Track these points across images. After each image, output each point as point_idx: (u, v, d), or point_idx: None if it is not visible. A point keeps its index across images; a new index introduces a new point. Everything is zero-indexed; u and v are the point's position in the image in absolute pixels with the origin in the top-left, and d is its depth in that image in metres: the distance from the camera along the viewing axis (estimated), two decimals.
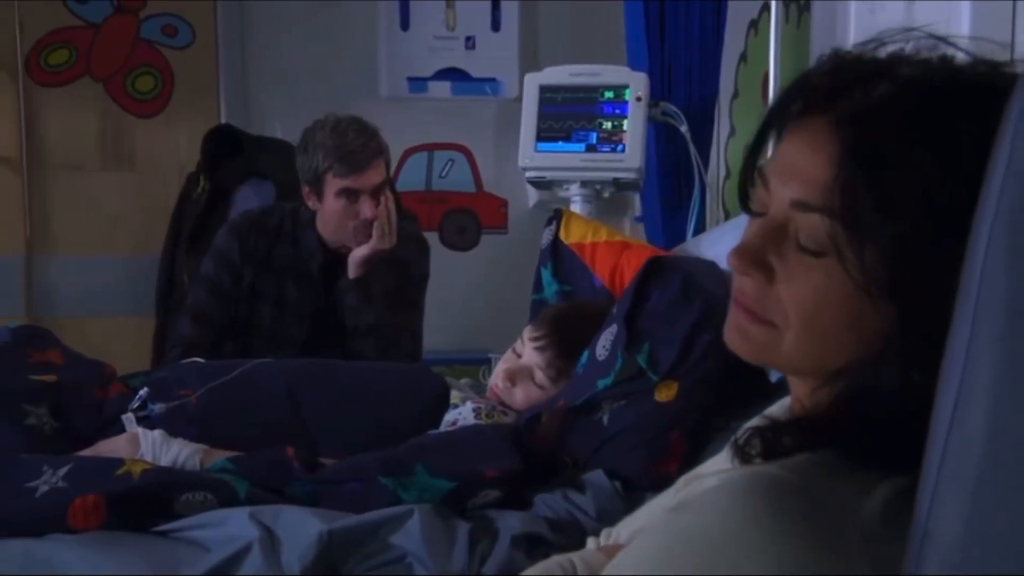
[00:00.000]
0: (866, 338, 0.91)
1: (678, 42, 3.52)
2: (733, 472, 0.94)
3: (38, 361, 2.17)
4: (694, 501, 0.91)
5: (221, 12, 4.46)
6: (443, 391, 2.28)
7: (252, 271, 2.94)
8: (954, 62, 0.95)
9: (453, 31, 4.55)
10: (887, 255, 0.87)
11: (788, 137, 0.96)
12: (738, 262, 0.96)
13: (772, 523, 0.82)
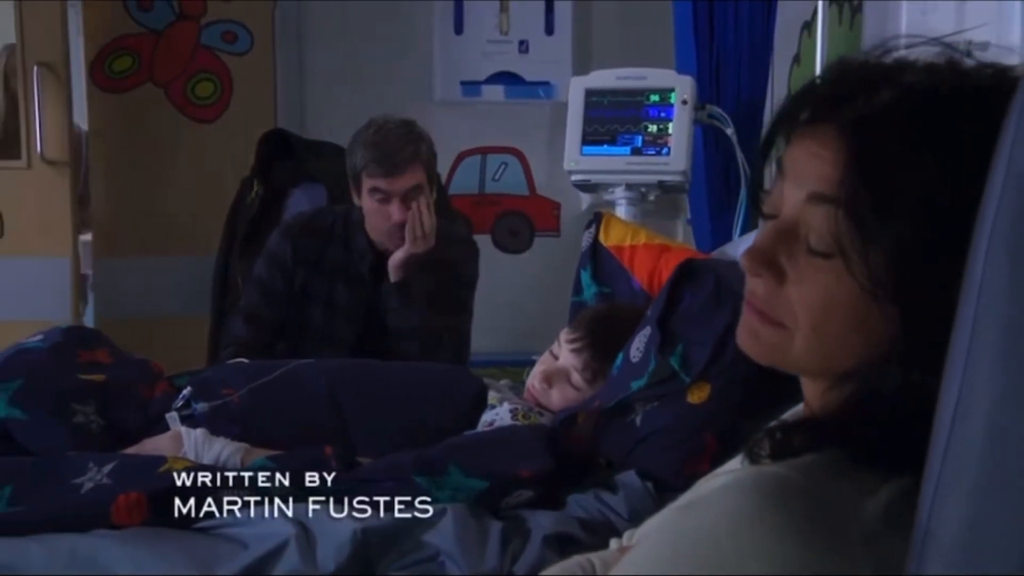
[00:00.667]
0: (873, 340, 0.92)
1: (727, 44, 3.53)
2: (740, 472, 0.95)
3: (87, 361, 2.23)
4: (701, 500, 0.92)
5: (279, 18, 4.53)
6: (481, 392, 2.31)
7: (304, 273, 2.98)
8: (961, 66, 0.96)
9: (506, 35, 4.58)
10: (891, 258, 0.88)
11: (796, 142, 0.97)
12: (749, 263, 0.97)
13: (776, 522, 0.83)
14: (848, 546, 0.84)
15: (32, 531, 1.79)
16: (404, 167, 2.84)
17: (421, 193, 2.87)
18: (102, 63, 4.44)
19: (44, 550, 1.76)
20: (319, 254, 3.00)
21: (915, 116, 0.90)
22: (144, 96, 4.46)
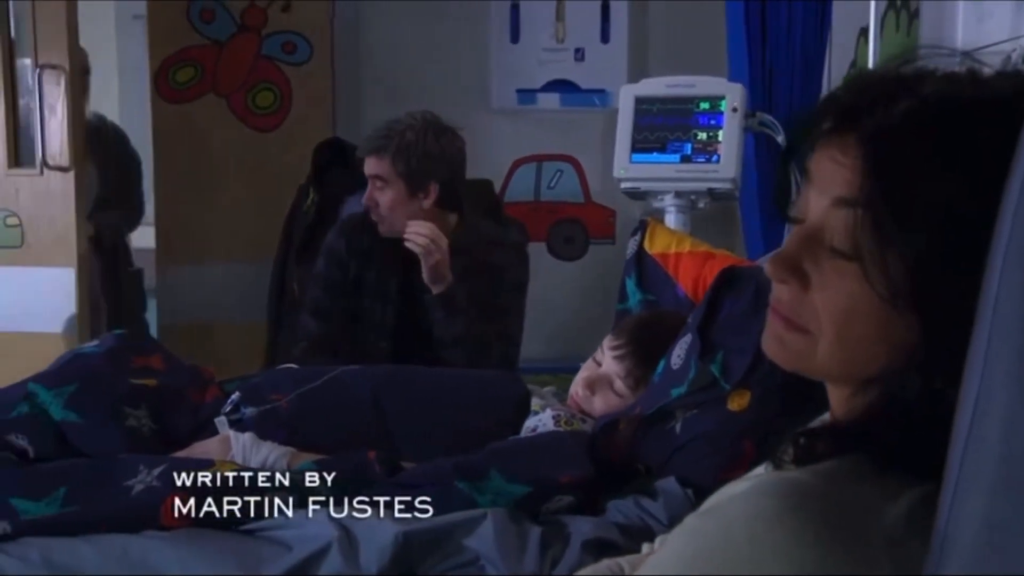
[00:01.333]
0: (896, 348, 0.93)
1: (779, 51, 3.52)
2: (761, 477, 0.96)
3: (141, 366, 2.29)
4: (722, 505, 0.93)
5: (338, 29, 4.59)
6: (524, 398, 2.33)
7: (356, 264, 3.07)
8: (981, 77, 0.96)
9: (562, 43, 4.61)
10: (908, 265, 0.89)
11: (820, 150, 0.98)
12: (774, 269, 0.98)
13: (795, 525, 0.84)
14: (868, 550, 0.84)
15: (85, 531, 1.84)
16: (367, 153, 3.00)
17: (384, 184, 2.97)
18: (165, 74, 4.53)
19: (96, 551, 1.81)
20: (371, 247, 3.08)
21: (932, 125, 0.91)
22: (206, 106, 4.54)
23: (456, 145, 3.06)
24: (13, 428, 2.11)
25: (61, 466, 2.00)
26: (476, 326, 2.91)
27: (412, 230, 2.85)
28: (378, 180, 2.99)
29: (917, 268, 0.89)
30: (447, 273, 2.88)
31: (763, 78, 3.50)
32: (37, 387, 2.16)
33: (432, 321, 2.92)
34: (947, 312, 0.89)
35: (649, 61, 4.58)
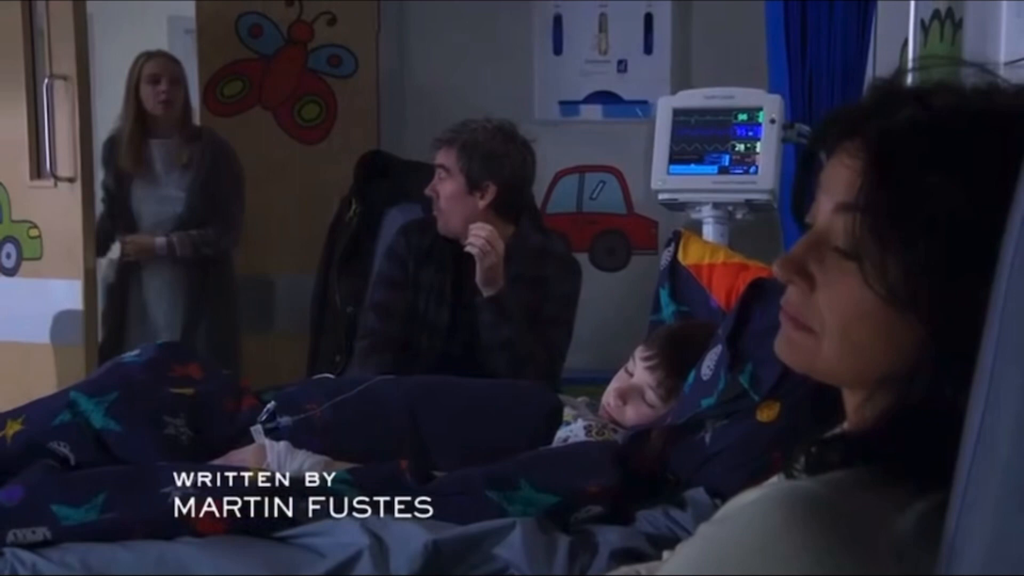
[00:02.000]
0: (901, 350, 0.94)
1: (820, 61, 3.52)
2: (771, 487, 0.97)
3: (179, 375, 2.32)
4: (732, 514, 0.94)
5: (383, 42, 4.64)
6: (556, 408, 2.35)
7: (414, 263, 3.14)
8: (995, 89, 0.98)
9: (605, 55, 4.62)
10: (906, 268, 0.91)
11: (831, 157, 1.00)
12: (780, 270, 1.01)
13: (805, 535, 0.85)
14: (877, 560, 0.85)
15: (122, 537, 1.88)
16: (438, 144, 3.13)
17: (446, 176, 3.09)
18: (214, 87, 4.60)
19: (133, 556, 1.85)
20: (430, 247, 3.16)
21: (934, 132, 0.93)
22: (253, 119, 4.61)
23: (522, 155, 3.13)
24: (55, 436, 2.15)
25: (100, 473, 2.04)
26: (522, 334, 2.95)
27: (473, 232, 2.91)
28: (442, 170, 3.10)
29: (916, 271, 0.91)
30: (500, 277, 2.93)
31: (803, 89, 3.50)
32: (78, 395, 2.20)
33: (480, 324, 2.96)
34: (947, 315, 0.90)
35: (692, 72, 4.57)
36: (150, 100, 4.17)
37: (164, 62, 4.24)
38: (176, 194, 4.20)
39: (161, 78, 4.17)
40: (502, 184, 3.07)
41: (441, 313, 3.11)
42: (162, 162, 4.20)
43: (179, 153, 4.21)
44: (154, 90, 4.16)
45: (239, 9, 4.60)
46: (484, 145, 3.07)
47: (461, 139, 3.08)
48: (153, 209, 4.19)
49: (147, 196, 4.20)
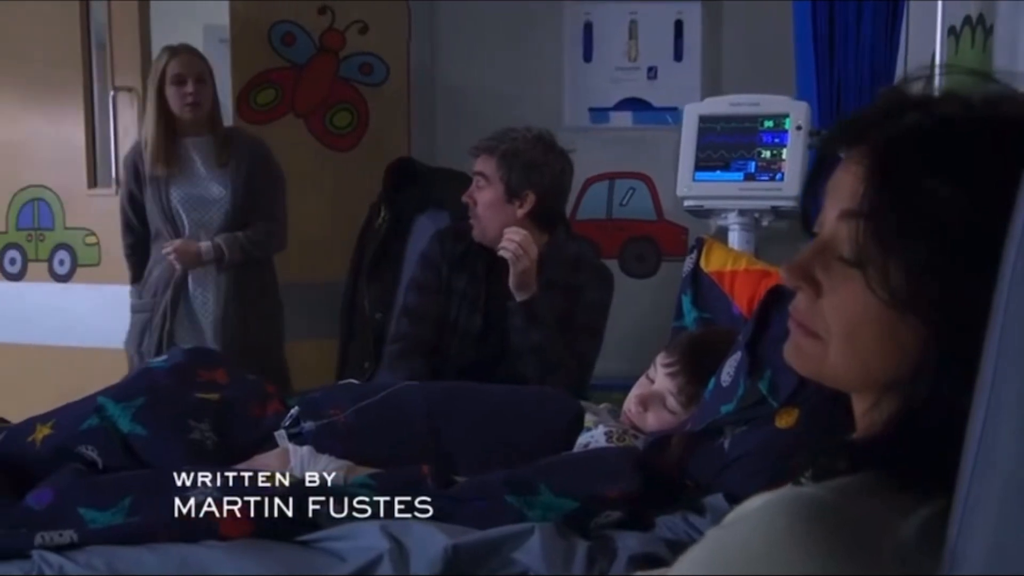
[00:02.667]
0: (904, 354, 0.95)
1: (848, 68, 3.51)
2: (777, 493, 0.98)
3: (205, 380, 2.36)
4: (738, 519, 0.96)
5: (414, 50, 4.67)
6: (578, 415, 2.36)
7: (448, 268, 3.17)
8: (1003, 98, 0.98)
9: (635, 61, 4.63)
10: (908, 272, 0.92)
11: (839, 167, 1.02)
12: (786, 276, 1.02)
13: (808, 541, 0.86)
14: (880, 566, 0.85)
15: (147, 540, 1.90)
16: (477, 151, 3.15)
17: (485, 183, 3.12)
18: (247, 96, 4.64)
19: (157, 559, 1.87)
20: (463, 253, 3.19)
21: (935, 138, 0.94)
22: (285, 127, 4.64)
23: (561, 165, 3.16)
24: (83, 440, 2.19)
25: (127, 477, 2.07)
26: (552, 340, 2.97)
27: (507, 236, 2.93)
28: (481, 178, 3.14)
29: (917, 276, 0.92)
30: (533, 282, 2.96)
31: (831, 96, 3.49)
32: (106, 400, 2.24)
33: (511, 328, 2.98)
34: (949, 320, 0.91)
35: (723, 79, 4.57)
36: (176, 102, 3.94)
37: (189, 60, 4.00)
38: (219, 194, 3.98)
39: (187, 78, 3.95)
40: (541, 193, 3.10)
41: (473, 320, 3.13)
42: (201, 161, 3.99)
43: (218, 152, 3.99)
44: (180, 91, 3.94)
45: (272, 18, 4.63)
46: (525, 154, 3.10)
47: (502, 148, 3.10)
48: (196, 213, 3.96)
49: (188, 198, 3.97)
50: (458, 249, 3.20)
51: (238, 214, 3.96)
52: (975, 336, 0.83)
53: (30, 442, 2.21)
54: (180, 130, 3.98)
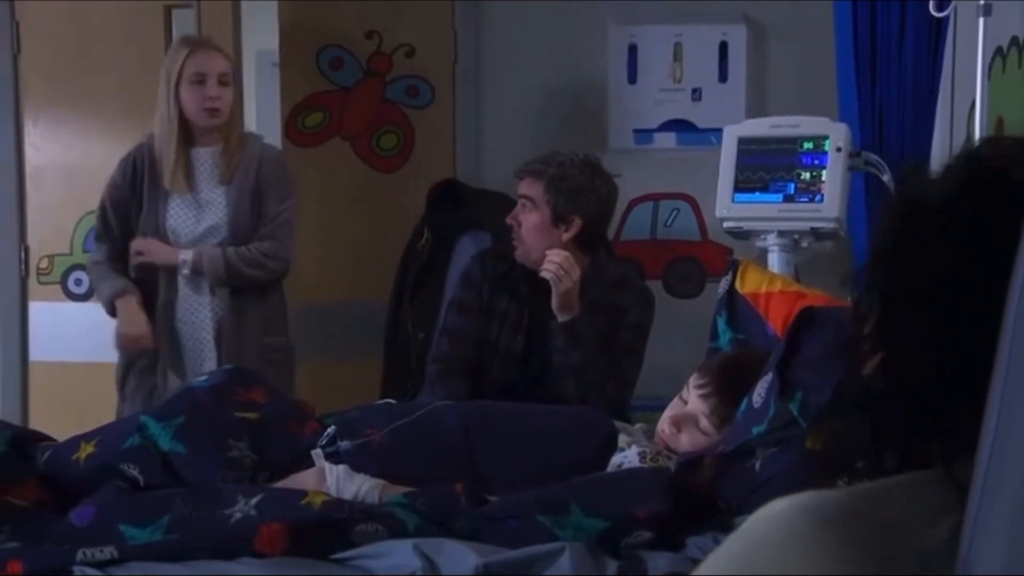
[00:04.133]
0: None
1: (890, 91, 3.51)
2: (798, 496, 0.96)
3: (245, 399, 2.40)
4: (759, 521, 0.95)
5: (459, 73, 4.71)
6: (612, 435, 2.38)
7: (489, 289, 3.20)
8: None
9: (679, 83, 4.64)
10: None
11: None
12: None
13: (829, 545, 0.86)
14: (902, 571, 0.86)
15: (185, 557, 1.94)
16: (523, 174, 3.18)
17: (532, 207, 3.14)
18: (295, 119, 4.70)
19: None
20: (504, 275, 3.23)
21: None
22: (332, 149, 4.69)
23: (607, 190, 3.19)
24: (125, 458, 2.25)
25: (166, 495, 2.12)
26: (593, 361, 2.99)
27: (549, 258, 2.96)
28: (527, 201, 3.16)
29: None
30: (575, 303, 2.99)
31: (873, 117, 3.49)
32: (148, 419, 2.29)
33: (552, 349, 3.01)
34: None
35: (767, 100, 4.57)
36: (193, 105, 3.47)
37: (210, 56, 3.52)
38: (218, 218, 3.55)
39: (207, 77, 3.47)
40: (587, 218, 3.13)
41: (515, 341, 3.16)
42: (205, 177, 3.56)
43: (224, 167, 3.54)
44: (199, 93, 3.47)
45: (321, 42, 4.69)
46: (572, 179, 3.12)
47: (549, 172, 3.12)
48: (190, 227, 3.54)
49: (185, 213, 3.55)
50: (499, 270, 3.23)
51: (239, 236, 3.54)
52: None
53: (74, 460, 2.27)
54: (190, 137, 3.54)
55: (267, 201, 3.58)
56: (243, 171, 3.56)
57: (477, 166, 4.65)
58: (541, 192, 3.12)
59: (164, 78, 3.50)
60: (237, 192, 3.54)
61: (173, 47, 3.62)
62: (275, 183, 3.62)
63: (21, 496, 2.17)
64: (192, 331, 3.55)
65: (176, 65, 3.47)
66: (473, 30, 4.71)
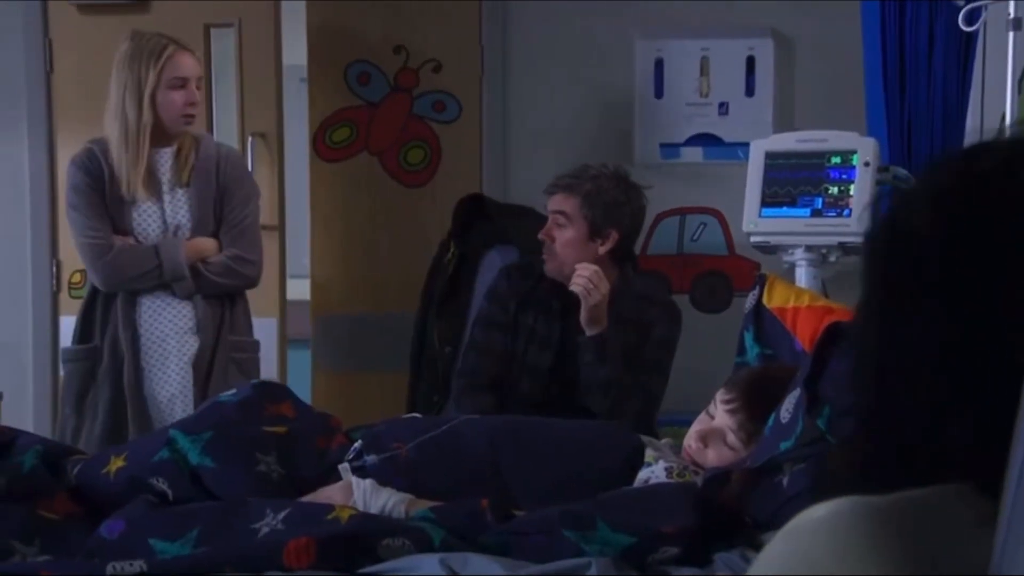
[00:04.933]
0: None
1: (919, 105, 3.50)
2: (839, 501, 0.93)
3: (272, 414, 2.41)
4: (801, 525, 0.93)
5: (486, 87, 4.73)
6: (638, 449, 2.38)
7: (515, 305, 3.21)
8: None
9: (706, 97, 4.64)
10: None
11: None
12: None
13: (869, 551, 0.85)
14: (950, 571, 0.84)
15: (214, 571, 1.95)
16: (555, 190, 3.16)
17: (566, 222, 3.13)
18: (323, 134, 4.73)
19: None
20: (530, 290, 3.24)
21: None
22: (360, 164, 4.72)
23: (640, 202, 3.19)
24: (155, 472, 2.26)
25: (195, 509, 2.13)
26: (621, 376, 2.99)
27: (579, 272, 2.97)
28: (562, 216, 3.15)
29: None
30: (604, 318, 2.99)
31: (901, 132, 3.48)
32: (177, 433, 2.30)
33: (580, 364, 3.01)
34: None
35: (795, 115, 4.57)
36: (172, 110, 3.32)
37: (189, 58, 3.39)
38: (183, 214, 3.41)
39: (188, 82, 3.34)
40: (623, 232, 3.14)
41: (543, 356, 3.16)
42: (165, 178, 3.41)
43: (182, 168, 3.40)
44: (180, 98, 3.32)
45: (348, 58, 4.72)
46: (608, 193, 3.13)
47: (585, 187, 3.13)
48: (156, 230, 3.40)
49: (151, 218, 3.41)
50: (526, 285, 3.23)
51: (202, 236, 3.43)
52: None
53: (104, 474, 2.28)
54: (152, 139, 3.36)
55: (230, 203, 3.47)
56: (202, 172, 3.43)
57: (503, 180, 4.66)
58: (576, 207, 3.12)
59: (133, 80, 3.30)
60: (198, 194, 3.41)
61: (142, 47, 3.33)
62: (237, 183, 3.51)
63: (52, 510, 2.18)
64: (159, 332, 3.41)
65: (154, 67, 3.29)
66: (499, 45, 4.73)
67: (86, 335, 3.47)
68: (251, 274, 3.50)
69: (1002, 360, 0.88)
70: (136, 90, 3.29)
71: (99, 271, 3.37)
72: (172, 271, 3.34)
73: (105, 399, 3.38)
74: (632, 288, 3.20)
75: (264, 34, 4.43)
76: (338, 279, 4.70)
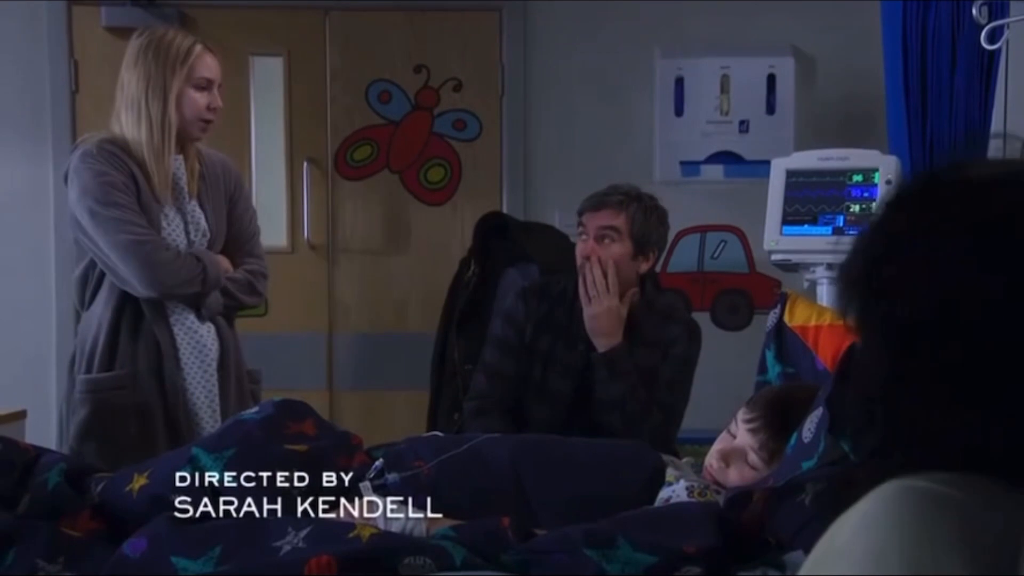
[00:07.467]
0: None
1: (941, 123, 3.49)
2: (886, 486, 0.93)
3: (294, 432, 2.41)
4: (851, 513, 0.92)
5: (506, 106, 4.75)
6: (659, 468, 2.37)
7: (532, 329, 3.19)
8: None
9: (727, 115, 4.64)
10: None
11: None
12: None
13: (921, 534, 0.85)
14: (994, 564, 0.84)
15: None
16: (602, 206, 3.10)
17: (617, 237, 3.08)
18: (344, 153, 4.75)
19: None
20: (547, 313, 3.21)
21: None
22: (381, 182, 4.75)
23: (667, 223, 3.19)
24: (177, 490, 2.26)
25: (217, 527, 2.13)
26: (635, 393, 2.97)
27: (592, 274, 3.01)
28: (612, 231, 3.11)
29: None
30: (614, 331, 2.97)
31: (923, 150, 3.47)
32: (200, 451, 2.30)
33: (595, 380, 3.00)
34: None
35: (816, 133, 4.56)
36: (193, 112, 3.09)
37: (215, 60, 3.16)
38: (200, 224, 3.18)
39: (213, 85, 3.14)
40: (659, 251, 3.14)
41: (564, 383, 3.13)
42: (183, 184, 3.17)
43: (190, 177, 3.18)
44: (204, 100, 3.11)
45: (369, 77, 4.76)
46: (653, 212, 3.12)
47: (632, 204, 3.11)
48: (182, 240, 3.13)
49: (176, 226, 3.15)
50: (542, 309, 3.22)
51: (217, 248, 3.22)
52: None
53: (127, 491, 2.28)
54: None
55: (238, 213, 3.28)
56: (211, 181, 3.22)
57: (524, 198, 4.67)
58: (625, 224, 3.10)
59: (157, 77, 3.04)
60: (212, 204, 3.20)
61: (167, 42, 3.08)
62: (243, 193, 3.34)
63: (75, 527, 2.18)
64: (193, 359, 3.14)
65: (185, 65, 3.06)
66: (520, 64, 4.75)
67: (110, 362, 3.09)
68: (264, 291, 3.31)
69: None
70: (161, 88, 3.04)
71: (150, 270, 2.98)
72: (215, 280, 3.09)
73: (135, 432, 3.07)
74: (652, 306, 3.19)
75: (314, 63, 4.67)
76: (358, 296, 4.71)
